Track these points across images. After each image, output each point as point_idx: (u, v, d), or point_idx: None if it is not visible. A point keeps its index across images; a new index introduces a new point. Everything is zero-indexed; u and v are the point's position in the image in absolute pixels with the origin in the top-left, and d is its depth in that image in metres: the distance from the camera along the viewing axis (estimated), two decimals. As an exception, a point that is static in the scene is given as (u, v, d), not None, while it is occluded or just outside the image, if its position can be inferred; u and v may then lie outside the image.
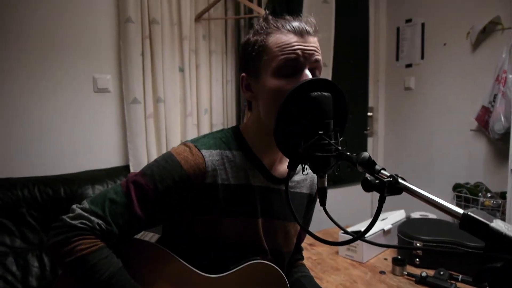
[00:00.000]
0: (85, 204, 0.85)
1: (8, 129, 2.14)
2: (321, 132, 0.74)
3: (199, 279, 0.90)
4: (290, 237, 1.06)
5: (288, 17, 0.92)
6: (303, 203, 1.09)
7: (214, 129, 2.61)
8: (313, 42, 0.88)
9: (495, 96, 2.42)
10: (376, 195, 0.63)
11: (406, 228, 1.74)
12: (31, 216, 2.11)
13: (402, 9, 3.24)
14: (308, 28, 0.88)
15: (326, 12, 2.95)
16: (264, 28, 0.90)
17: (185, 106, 2.46)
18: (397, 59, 3.31)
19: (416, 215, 2.09)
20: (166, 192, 0.86)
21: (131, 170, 2.36)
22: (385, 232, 1.81)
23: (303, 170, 0.80)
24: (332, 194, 3.07)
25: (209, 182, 0.89)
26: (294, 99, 0.77)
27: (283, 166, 1.00)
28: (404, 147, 3.35)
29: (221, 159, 0.92)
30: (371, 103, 3.55)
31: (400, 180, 0.64)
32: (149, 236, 0.99)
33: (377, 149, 3.58)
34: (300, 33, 0.87)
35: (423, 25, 3.06)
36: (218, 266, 0.92)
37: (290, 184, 1.02)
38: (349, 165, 0.72)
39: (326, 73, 2.99)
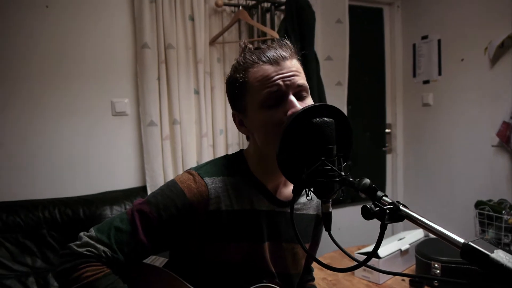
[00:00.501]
0: (92, 232, 0.87)
1: (31, 152, 2.22)
2: (323, 158, 0.74)
3: (206, 303, 0.90)
4: (298, 259, 1.05)
5: (263, 46, 0.93)
6: (311, 225, 1.09)
7: (230, 149, 2.64)
8: (291, 66, 0.89)
9: (515, 111, 2.36)
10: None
11: (425, 248, 1.70)
12: (51, 236, 2.17)
13: (418, 26, 3.23)
14: (283, 54, 0.89)
15: (340, 31, 2.96)
16: (242, 63, 0.91)
17: (201, 127, 2.50)
18: (414, 75, 3.28)
19: (435, 235, 2.03)
20: (170, 220, 0.88)
21: (148, 191, 2.40)
22: (402, 253, 1.77)
23: (307, 195, 0.80)
24: (350, 212, 3.07)
25: (213, 209, 0.90)
26: (296, 126, 0.78)
27: (288, 189, 1.01)
28: (424, 164, 3.29)
29: (224, 186, 0.93)
30: (389, 119, 3.52)
31: (401, 207, 0.63)
32: (158, 261, 1.00)
33: (396, 166, 3.52)
34: (276, 62, 0.88)
35: (439, 41, 3.03)
36: None
37: (296, 206, 1.02)
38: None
39: (342, 92, 3.00)
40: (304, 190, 0.81)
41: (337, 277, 1.75)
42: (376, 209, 0.63)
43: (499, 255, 0.51)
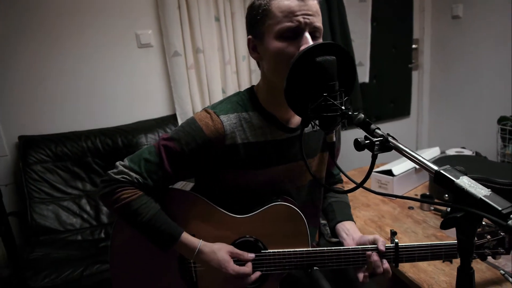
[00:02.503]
0: (126, 162, 1.03)
1: (67, 87, 2.39)
2: (326, 94, 0.83)
3: (228, 219, 1.07)
4: (315, 168, 1.17)
5: None
6: (321, 137, 1.18)
7: (253, 75, 2.70)
8: (313, 5, 0.94)
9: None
10: (421, 130, 0.72)
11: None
12: (96, 163, 2.42)
13: None
14: None
15: None
16: None
17: (223, 54, 2.55)
18: (444, -15, 3.09)
19: (451, 151, 2.11)
20: (191, 154, 1.01)
21: (178, 119, 2.57)
22: (417, 170, 1.88)
23: (313, 127, 0.90)
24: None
25: (229, 143, 1.02)
26: (300, 64, 0.85)
27: (297, 116, 1.09)
28: (450, 81, 3.24)
29: (239, 121, 1.03)
30: (416, 34, 3.39)
31: (390, 139, 0.72)
32: (189, 186, 1.16)
33: (422, 83, 3.48)
34: None
35: None
36: (244, 208, 1.08)
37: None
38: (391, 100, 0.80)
39: (366, 7, 2.90)
40: (310, 123, 0.90)
41: (354, 194, 1.90)
42: (367, 141, 0.72)
43: (463, 180, 0.61)
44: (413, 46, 3.41)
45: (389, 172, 1.81)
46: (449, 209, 1.50)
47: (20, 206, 2.31)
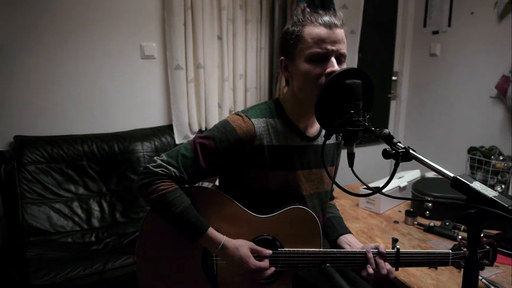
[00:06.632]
0: (163, 157, 1.13)
1: (67, 91, 2.44)
2: (352, 111, 0.97)
3: (250, 217, 1.17)
4: (326, 180, 1.31)
5: (321, 11, 1.13)
6: (332, 150, 1.33)
7: (248, 93, 2.85)
8: (339, 34, 1.10)
9: (515, 66, 2.54)
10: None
11: (420, 185, 1.98)
12: (91, 168, 2.46)
13: (432, -26, 3.28)
14: (336, 22, 1.09)
15: (355, -20, 3.04)
16: (301, 20, 1.12)
17: (223, 71, 2.69)
18: (425, 25, 3.39)
19: (430, 174, 2.32)
20: (224, 151, 1.13)
21: (174, 130, 2.66)
22: (401, 189, 2.06)
23: (337, 139, 1.04)
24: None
25: (257, 144, 1.15)
26: (332, 84, 1.00)
27: (314, 128, 1.25)
28: (425, 111, 3.51)
29: (266, 126, 1.17)
30: (396, 67, 3.68)
31: (411, 151, 0.87)
32: (205, 184, 1.26)
33: (399, 112, 3.75)
34: (330, 26, 1.08)
35: (451, -8, 3.11)
36: (264, 209, 1.19)
37: (320, 138, 1.27)
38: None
39: (355, 39, 3.14)
40: (332, 135, 1.05)
41: (344, 208, 2.06)
42: (393, 152, 0.87)
43: (476, 185, 0.76)
44: (393, 78, 3.69)
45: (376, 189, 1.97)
46: (431, 223, 1.67)
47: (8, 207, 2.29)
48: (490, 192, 0.73)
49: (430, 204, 1.85)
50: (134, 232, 2.32)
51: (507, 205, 0.70)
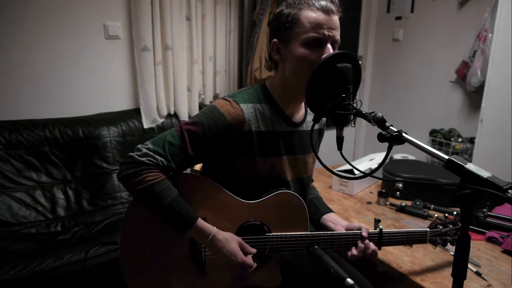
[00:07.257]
0: (149, 145, 1.08)
1: (27, 73, 2.28)
2: (344, 95, 0.98)
3: (237, 203, 1.16)
4: (308, 166, 1.33)
5: None
6: (315, 137, 1.34)
7: (218, 76, 2.80)
8: (336, 21, 1.09)
9: (474, 52, 2.67)
10: (359, 139, 0.88)
11: (390, 167, 2.05)
12: (54, 154, 2.33)
13: (396, -40, 3.34)
14: (333, 8, 1.08)
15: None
16: (297, 3, 1.09)
17: (192, 54, 2.62)
18: (388, 11, 3.47)
19: (398, 156, 2.41)
20: (212, 137, 1.10)
21: (142, 114, 2.56)
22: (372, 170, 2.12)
23: (326, 123, 1.04)
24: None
25: (246, 130, 1.13)
26: (323, 68, 0.99)
27: (300, 113, 1.25)
28: (388, 95, 3.63)
29: (254, 111, 1.15)
30: (360, 52, 3.76)
31: (403, 134, 0.89)
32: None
33: (363, 95, 3.84)
34: (327, 12, 1.07)
35: (415, -22, 3.20)
36: (250, 194, 1.19)
37: (305, 124, 1.27)
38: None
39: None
40: (320, 119, 1.05)
41: (318, 190, 2.08)
42: (388, 135, 0.88)
43: (470, 166, 0.79)
44: (358, 62, 3.76)
45: (350, 172, 2.02)
46: (403, 203, 1.73)
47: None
48: (484, 173, 0.76)
49: (400, 185, 1.92)
50: (103, 220, 2.24)
51: (501, 185, 0.73)
